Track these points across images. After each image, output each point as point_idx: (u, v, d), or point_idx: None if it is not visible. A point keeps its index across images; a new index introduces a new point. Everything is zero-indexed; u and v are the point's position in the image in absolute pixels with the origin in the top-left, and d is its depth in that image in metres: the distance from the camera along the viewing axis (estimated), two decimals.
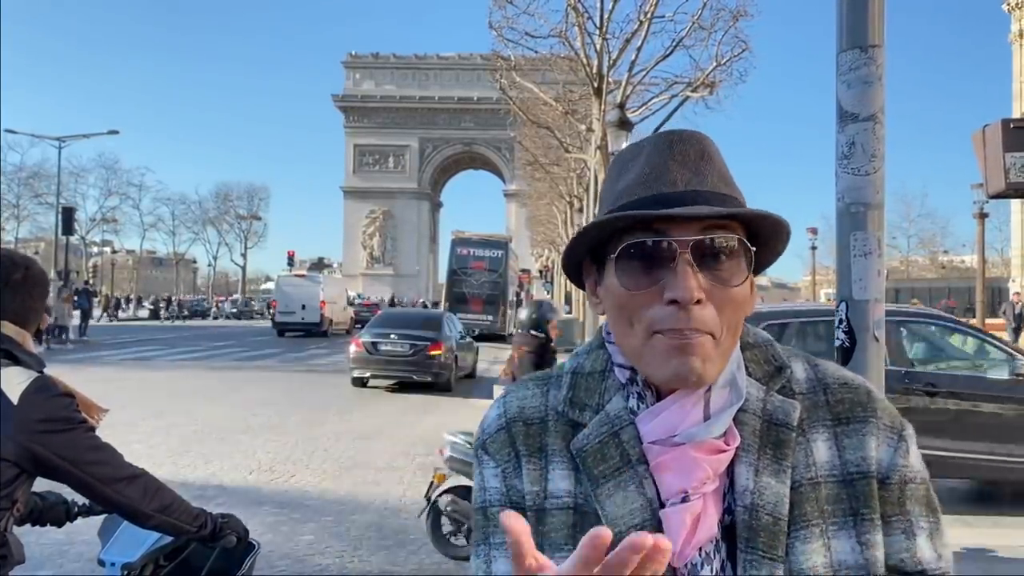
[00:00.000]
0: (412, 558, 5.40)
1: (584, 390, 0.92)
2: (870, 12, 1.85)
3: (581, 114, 21.72)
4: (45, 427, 1.65)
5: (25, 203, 59.65)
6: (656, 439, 0.85)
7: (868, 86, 1.85)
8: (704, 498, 0.82)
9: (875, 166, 1.81)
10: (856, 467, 0.86)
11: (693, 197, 0.83)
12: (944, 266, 72.67)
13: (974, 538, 5.62)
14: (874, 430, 0.88)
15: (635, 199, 0.86)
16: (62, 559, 4.98)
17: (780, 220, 0.87)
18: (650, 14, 16.80)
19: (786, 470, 0.84)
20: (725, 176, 0.88)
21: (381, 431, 10.49)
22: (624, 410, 0.88)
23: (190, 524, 1.84)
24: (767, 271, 1.02)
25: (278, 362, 21.25)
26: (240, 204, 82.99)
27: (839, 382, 0.91)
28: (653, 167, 0.87)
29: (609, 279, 0.88)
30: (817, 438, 0.87)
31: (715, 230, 0.83)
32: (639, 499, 0.84)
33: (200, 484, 7.20)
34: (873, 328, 1.87)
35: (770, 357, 0.92)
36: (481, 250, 34.90)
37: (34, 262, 1.91)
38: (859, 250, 1.85)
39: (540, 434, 0.91)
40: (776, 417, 0.86)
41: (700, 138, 0.89)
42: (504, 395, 0.98)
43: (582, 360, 0.96)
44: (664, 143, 0.89)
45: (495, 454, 0.93)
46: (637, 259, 0.84)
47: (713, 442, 0.83)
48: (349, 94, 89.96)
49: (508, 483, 0.91)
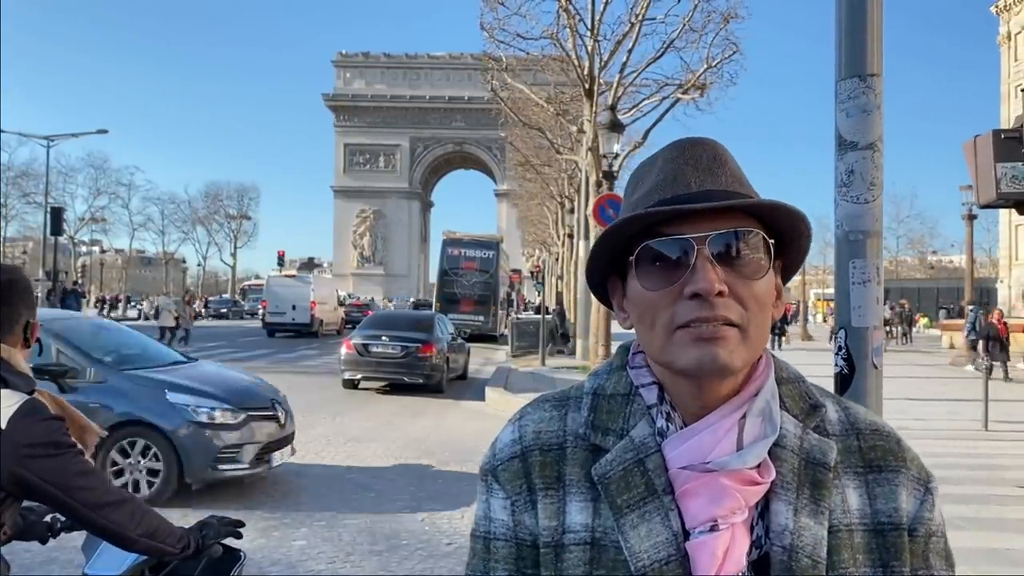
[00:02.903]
0: (405, 563, 5.39)
1: (607, 413, 0.90)
2: (868, 41, 1.83)
3: (572, 115, 21.77)
4: (32, 452, 1.62)
5: (13, 203, 59.22)
6: (685, 464, 0.83)
7: (867, 115, 1.83)
8: (732, 529, 0.81)
9: (874, 194, 1.80)
10: (888, 518, 0.86)
11: (707, 196, 0.84)
12: (933, 266, 73.18)
13: (974, 539, 5.66)
14: (905, 480, 0.88)
15: (652, 204, 0.86)
16: (52, 565, 4.96)
17: (795, 211, 0.86)
18: (641, 16, 16.85)
19: (824, 512, 0.83)
20: (739, 177, 0.88)
21: (373, 433, 10.46)
22: (650, 436, 0.86)
23: (174, 547, 1.83)
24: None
25: (268, 363, 21.15)
26: (230, 204, 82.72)
27: (871, 428, 0.91)
28: (667, 173, 0.87)
29: (632, 285, 0.88)
30: (848, 484, 0.87)
31: (731, 226, 0.83)
32: (664, 532, 0.81)
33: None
34: (872, 355, 1.87)
35: (804, 394, 0.91)
36: (472, 250, 34.84)
37: (15, 271, 1.87)
38: (858, 278, 1.83)
39: (558, 462, 0.89)
40: (813, 456, 0.85)
41: (712, 143, 0.90)
42: (520, 416, 0.95)
43: (603, 381, 0.94)
44: (677, 149, 0.89)
45: (506, 484, 0.90)
46: (656, 259, 0.84)
47: (747, 472, 0.82)
48: (339, 93, 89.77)
49: (516, 518, 0.89)
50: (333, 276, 60.93)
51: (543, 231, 50.59)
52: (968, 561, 5.19)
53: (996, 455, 8.97)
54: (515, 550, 0.89)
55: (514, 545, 0.89)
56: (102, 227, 67.80)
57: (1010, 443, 9.66)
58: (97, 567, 1.98)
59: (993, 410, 10.63)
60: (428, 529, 6.20)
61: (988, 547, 5.63)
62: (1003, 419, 10.99)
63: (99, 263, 71.58)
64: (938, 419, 11.22)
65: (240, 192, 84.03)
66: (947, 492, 6.08)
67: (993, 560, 5.40)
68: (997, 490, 7.45)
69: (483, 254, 34.81)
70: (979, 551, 5.50)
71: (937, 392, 14.99)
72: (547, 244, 51.70)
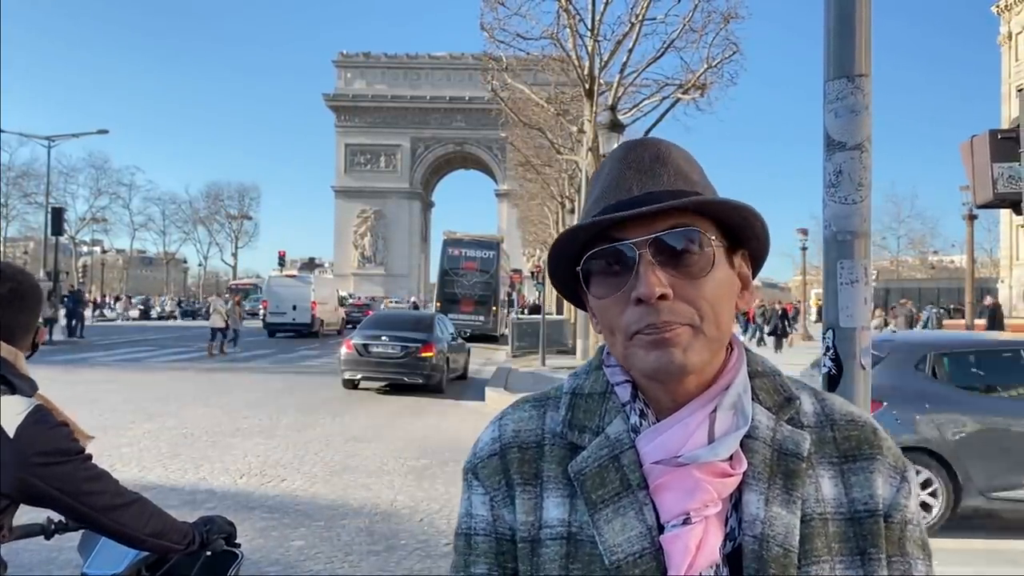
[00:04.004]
0: (403, 563, 5.40)
1: (584, 411, 0.91)
2: (857, 42, 1.84)
3: (572, 115, 21.75)
4: (43, 459, 1.63)
5: (14, 203, 59.44)
6: (658, 459, 0.84)
7: (855, 115, 1.83)
8: (706, 521, 0.82)
9: (862, 195, 1.80)
10: (864, 505, 0.86)
11: (647, 199, 0.84)
12: (934, 266, 73.15)
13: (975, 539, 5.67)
14: (881, 467, 0.88)
15: (597, 211, 0.87)
16: (51, 565, 4.97)
17: (735, 204, 0.86)
18: (641, 16, 16.84)
19: (796, 501, 0.83)
20: (683, 174, 0.87)
21: (372, 433, 10.47)
22: (625, 433, 0.87)
23: (180, 543, 1.85)
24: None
25: (269, 363, 21.18)
26: (231, 204, 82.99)
27: (846, 418, 0.91)
28: (612, 178, 0.88)
29: (590, 293, 0.89)
30: (823, 474, 0.87)
31: (674, 226, 0.83)
32: (639, 526, 0.82)
33: (190, 489, 7.15)
34: (860, 356, 1.86)
35: (779, 387, 0.92)
36: (473, 251, 34.86)
37: (23, 275, 1.88)
38: (846, 278, 1.84)
39: (536, 459, 0.90)
40: (786, 447, 0.86)
41: (655, 144, 0.90)
42: (500, 416, 0.97)
43: (581, 381, 0.95)
44: (620, 153, 0.90)
45: (485, 480, 0.92)
46: (602, 268, 0.86)
47: (719, 464, 0.83)
48: (340, 93, 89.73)
49: (496, 512, 0.90)
50: (334, 276, 60.89)
51: (544, 231, 50.53)
52: (968, 561, 5.20)
53: None
54: (495, 544, 0.90)
55: (494, 540, 0.90)
56: (103, 227, 68.13)
57: None
58: (95, 566, 1.98)
59: None
60: (427, 529, 6.21)
61: (989, 547, 5.64)
62: None
63: (100, 263, 71.60)
64: None
65: (241, 192, 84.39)
66: None
67: (994, 560, 5.40)
68: None
69: (483, 254, 34.82)
70: (980, 551, 5.51)
71: None
72: (548, 244, 51.59)
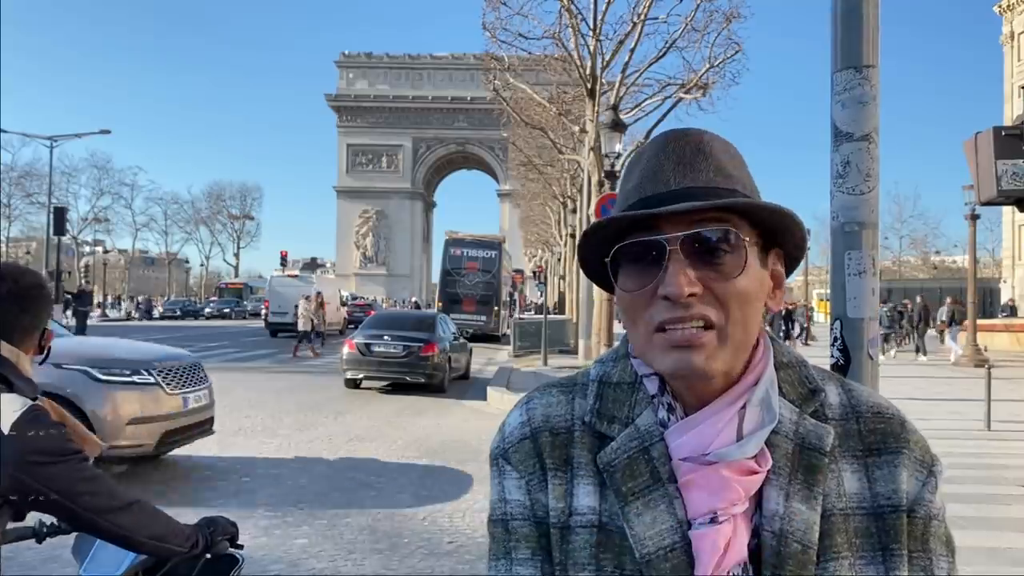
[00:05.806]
0: (406, 561, 5.39)
1: (612, 401, 0.89)
2: (864, 33, 1.82)
3: (574, 115, 21.76)
4: (37, 459, 1.61)
5: (16, 203, 59.58)
6: (687, 456, 0.83)
7: (863, 106, 1.82)
8: (734, 520, 0.81)
9: (870, 185, 1.80)
10: (887, 500, 0.85)
11: (684, 194, 0.82)
12: (936, 266, 73.10)
13: (976, 539, 5.65)
14: (906, 461, 0.87)
15: (633, 202, 0.85)
16: (51, 565, 4.96)
17: (778, 209, 0.84)
18: (643, 16, 16.86)
19: (817, 496, 0.82)
20: (724, 169, 0.85)
21: (374, 432, 10.47)
22: (655, 425, 0.86)
23: (183, 546, 1.81)
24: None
25: (271, 363, 21.19)
26: (233, 204, 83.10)
27: (873, 410, 0.89)
28: (650, 169, 0.86)
29: (617, 284, 0.88)
30: (847, 468, 0.86)
31: (710, 224, 0.81)
32: (669, 519, 0.82)
33: (192, 488, 7.18)
34: (868, 346, 1.86)
35: (804, 379, 0.90)
36: (474, 250, 34.87)
37: (25, 273, 1.85)
38: (853, 269, 1.82)
39: (566, 445, 0.89)
40: (809, 441, 0.84)
41: (698, 134, 0.88)
42: (527, 400, 0.95)
43: (608, 368, 0.93)
44: (660, 143, 0.88)
45: (518, 464, 0.90)
46: (632, 261, 0.84)
47: (745, 462, 0.82)
48: (342, 94, 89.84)
49: (533, 496, 0.88)
50: (336, 276, 60.95)
51: (545, 231, 50.62)
52: (969, 561, 5.18)
53: (998, 455, 8.95)
54: (534, 528, 0.88)
55: (533, 524, 0.88)
56: (105, 227, 68.32)
57: (1013, 443, 9.62)
58: (92, 570, 1.95)
59: (996, 410, 10.61)
60: (430, 527, 6.20)
61: (989, 547, 5.62)
62: (1006, 419, 10.96)
63: (102, 263, 71.61)
64: (940, 419, 11.18)
65: (243, 192, 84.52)
66: (949, 491, 6.03)
67: (994, 560, 5.39)
68: (999, 489, 7.43)
69: (485, 254, 34.83)
70: (980, 550, 5.49)
71: (939, 392, 14.95)
72: (549, 244, 51.76)
